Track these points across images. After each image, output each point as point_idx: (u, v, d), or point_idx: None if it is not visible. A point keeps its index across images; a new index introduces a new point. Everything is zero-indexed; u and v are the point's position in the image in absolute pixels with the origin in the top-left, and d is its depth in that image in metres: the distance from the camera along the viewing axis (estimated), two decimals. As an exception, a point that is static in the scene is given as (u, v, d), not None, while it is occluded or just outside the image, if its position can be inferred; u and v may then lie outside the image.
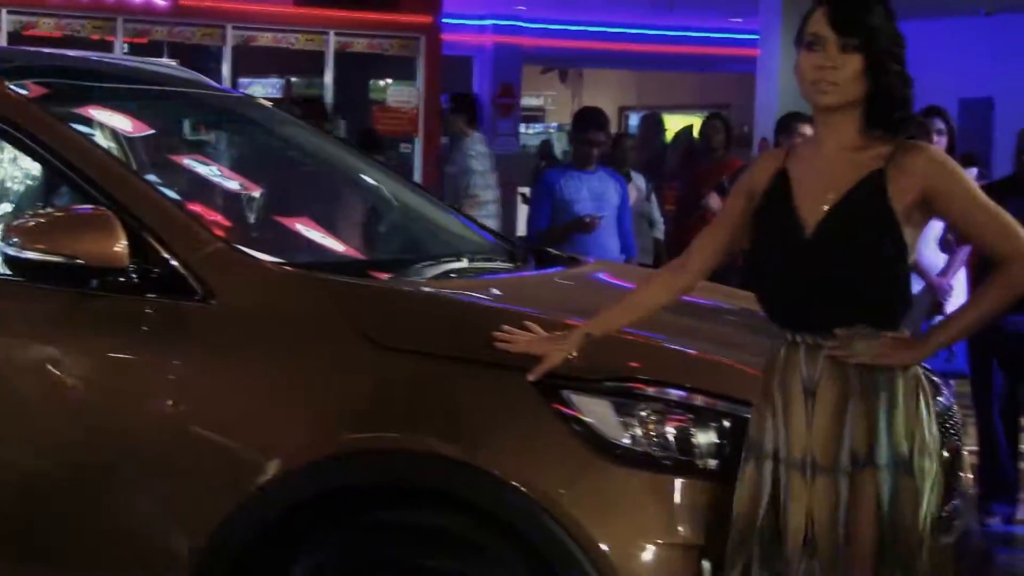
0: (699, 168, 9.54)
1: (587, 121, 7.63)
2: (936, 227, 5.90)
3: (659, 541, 3.00)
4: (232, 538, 3.18)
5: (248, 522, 3.17)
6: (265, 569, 3.21)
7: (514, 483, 3.02)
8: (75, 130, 3.62)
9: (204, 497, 3.19)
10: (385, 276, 3.63)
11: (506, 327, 3.14)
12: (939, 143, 6.64)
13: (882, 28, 2.94)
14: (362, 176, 4.65)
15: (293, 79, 16.93)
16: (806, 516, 2.96)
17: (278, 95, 16.34)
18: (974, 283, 6.31)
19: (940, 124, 6.73)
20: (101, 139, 4.02)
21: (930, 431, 2.99)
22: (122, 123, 4.13)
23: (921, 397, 2.99)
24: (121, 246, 3.23)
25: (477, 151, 9.42)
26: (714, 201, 7.76)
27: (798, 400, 2.99)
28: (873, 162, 2.98)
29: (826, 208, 2.99)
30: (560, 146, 19.84)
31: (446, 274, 3.78)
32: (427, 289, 3.59)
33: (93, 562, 3.30)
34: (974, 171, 7.12)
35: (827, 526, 2.94)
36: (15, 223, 3.34)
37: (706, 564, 3.01)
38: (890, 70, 2.95)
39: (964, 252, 6.45)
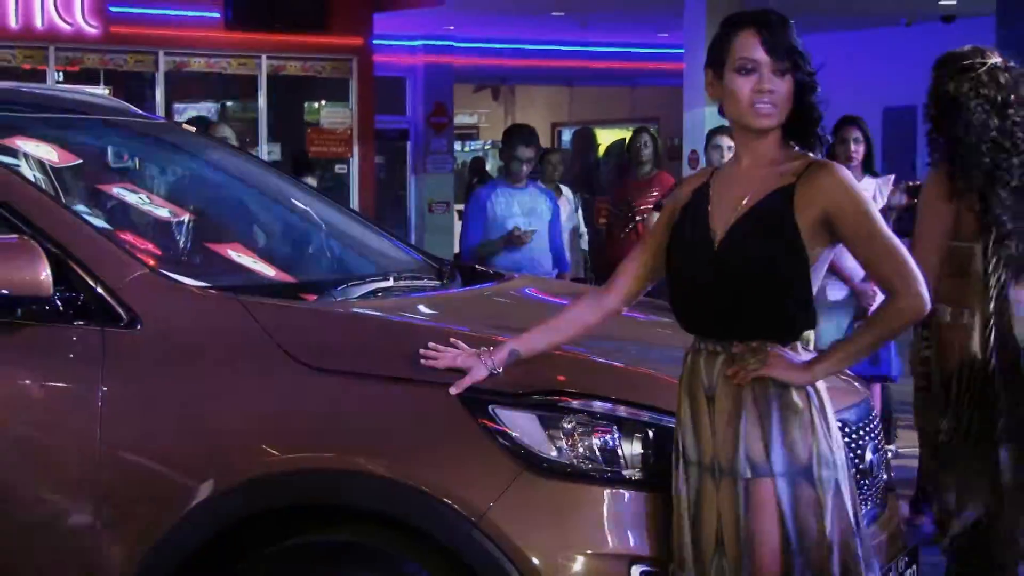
0: (629, 182, 9.59)
1: (515, 137, 7.65)
2: None
3: (589, 551, 3.01)
4: (164, 560, 3.15)
5: (179, 544, 3.15)
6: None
7: (443, 499, 3.01)
8: (-3, 160, 3.59)
9: (137, 520, 3.17)
10: (312, 297, 3.61)
11: (432, 344, 3.14)
12: (856, 152, 6.72)
13: (804, 52, 3.00)
14: (289, 199, 4.64)
15: (227, 103, 16.86)
16: (717, 517, 2.98)
17: (214, 120, 16.28)
18: None
19: (857, 133, 6.81)
20: (25, 168, 3.98)
21: (828, 442, 3.00)
22: (46, 152, 4.09)
23: (815, 410, 3.00)
24: (45, 274, 3.19)
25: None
26: (652, 219, 7.79)
27: (702, 406, 3.02)
28: (785, 177, 3.02)
29: (734, 219, 3.03)
30: (493, 163, 19.89)
31: (373, 293, 3.78)
32: (354, 309, 3.58)
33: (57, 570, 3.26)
34: (891, 177, 7.12)
35: (731, 526, 2.97)
36: None
37: (635, 571, 3.02)
38: (814, 90, 3.02)
39: None
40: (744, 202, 3.02)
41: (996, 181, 4.15)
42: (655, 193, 8.46)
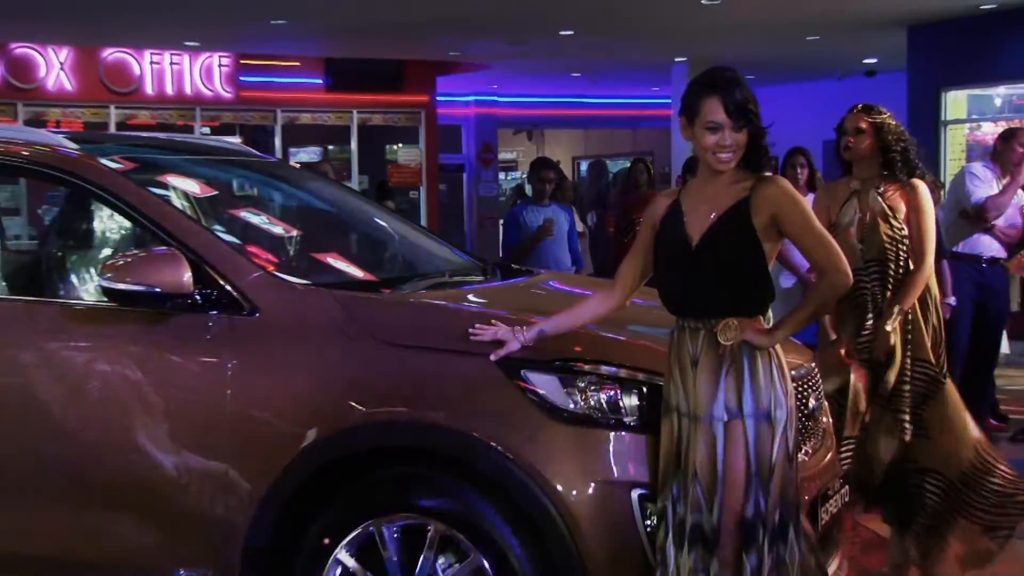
0: (630, 200, 9.55)
1: (538, 166, 7.69)
2: None
3: (599, 479, 2.98)
4: (281, 491, 3.15)
5: (292, 478, 3.14)
6: (306, 515, 3.18)
7: (488, 441, 3.00)
8: (152, 192, 3.58)
9: (260, 460, 3.16)
10: (387, 291, 3.60)
11: (478, 324, 3.12)
12: (802, 174, 6.65)
13: (756, 110, 2.97)
14: (371, 217, 4.62)
15: (328, 147, 16.91)
16: (693, 454, 2.95)
17: (318, 159, 16.36)
18: None
19: (802, 159, 6.74)
20: (174, 198, 3.98)
21: (783, 390, 2.98)
22: (189, 184, 4.10)
23: (773, 365, 2.98)
24: (187, 277, 3.21)
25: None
26: None
27: (687, 368, 2.99)
28: (741, 192, 2.99)
29: (706, 226, 3.00)
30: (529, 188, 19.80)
31: (433, 287, 3.75)
32: (417, 298, 3.56)
33: (195, 501, 3.25)
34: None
35: (706, 460, 2.94)
36: (109, 262, 3.31)
37: (634, 494, 2.99)
38: (764, 136, 3.00)
39: None
40: (712, 216, 2.99)
41: None
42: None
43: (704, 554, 2.92)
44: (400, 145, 16.95)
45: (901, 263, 4.22)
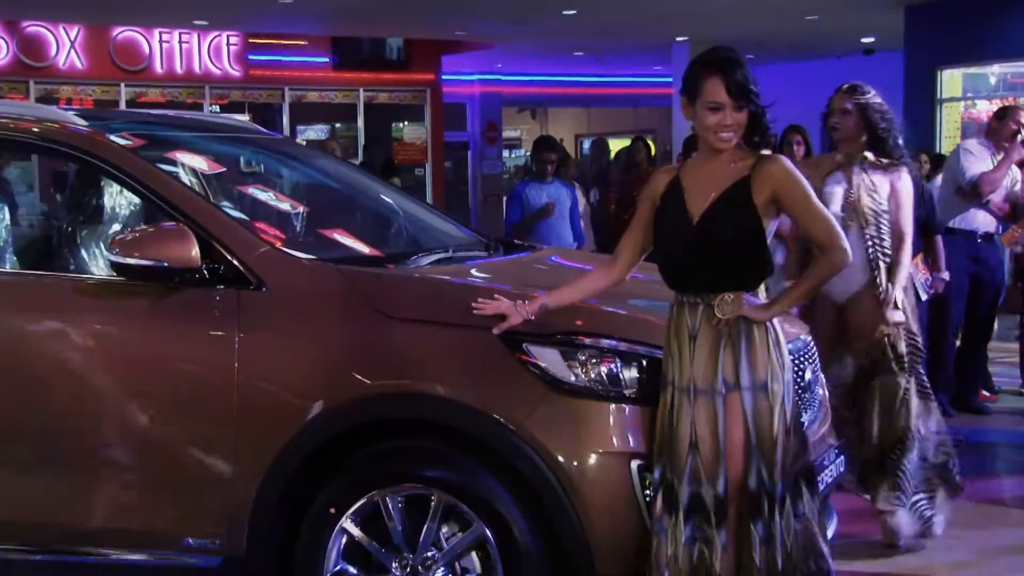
0: (630, 177, 9.53)
1: (541, 145, 7.64)
2: None
3: (599, 450, 2.98)
4: (287, 461, 3.14)
5: (298, 449, 3.14)
6: (309, 483, 3.17)
7: (491, 413, 2.99)
8: (160, 168, 3.56)
9: (266, 431, 3.15)
10: (392, 266, 3.58)
11: (481, 298, 3.10)
12: (798, 151, 6.62)
13: (756, 90, 2.94)
14: (375, 193, 4.60)
15: (335, 125, 16.86)
16: (690, 426, 2.94)
17: (325, 137, 16.32)
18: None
19: (799, 138, 6.71)
20: (182, 174, 3.96)
21: (780, 363, 2.97)
22: (196, 161, 4.07)
23: (770, 339, 2.97)
24: (195, 252, 3.19)
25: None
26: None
27: (685, 342, 2.98)
28: (742, 171, 2.97)
29: (708, 203, 2.98)
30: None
31: (437, 262, 3.73)
32: (421, 273, 3.55)
33: (202, 472, 3.24)
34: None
35: (708, 433, 2.94)
36: (118, 237, 3.29)
37: (633, 464, 2.99)
38: (764, 115, 2.98)
39: None
40: (713, 194, 2.97)
41: None
42: None
43: (702, 523, 2.92)
44: (406, 123, 16.89)
45: (882, 235, 4.25)
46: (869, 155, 4.34)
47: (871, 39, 15.55)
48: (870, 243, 4.26)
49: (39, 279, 3.67)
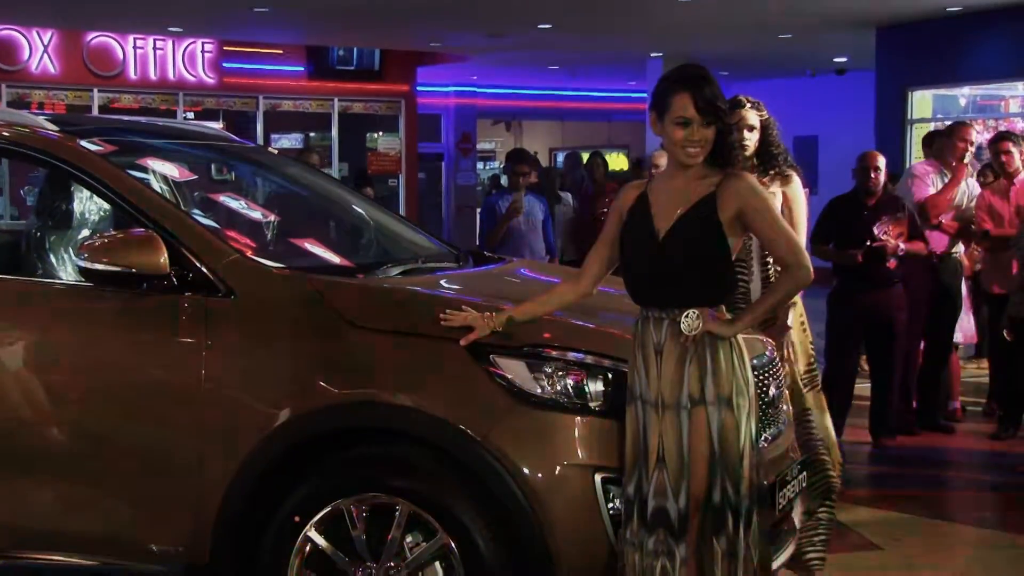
0: (585, 193, 9.68)
1: (515, 159, 7.69)
2: None
3: (564, 462, 2.99)
4: (253, 468, 3.14)
5: (263, 456, 3.14)
6: (273, 491, 3.18)
7: (457, 424, 3.00)
8: (130, 174, 3.55)
9: (232, 438, 3.15)
10: (361, 276, 3.59)
11: (448, 309, 3.12)
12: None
13: (725, 107, 2.98)
14: (346, 203, 4.61)
15: (309, 134, 16.84)
16: (658, 439, 2.96)
17: (300, 147, 16.30)
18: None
19: None
20: (152, 181, 3.95)
21: (744, 378, 2.99)
22: (168, 168, 4.07)
23: (735, 355, 2.99)
24: (164, 259, 3.19)
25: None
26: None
27: (651, 357, 3.00)
28: (707, 188, 3.00)
29: (673, 219, 3.01)
30: (505, 179, 19.76)
31: (406, 272, 3.74)
32: (390, 284, 3.56)
33: (167, 479, 3.24)
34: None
35: (673, 446, 2.96)
36: (86, 243, 3.28)
37: (598, 477, 3.00)
38: (731, 132, 3.02)
39: None
40: (679, 211, 3.00)
41: None
42: (608, 199, 8.51)
43: (666, 537, 2.94)
44: (380, 134, 16.91)
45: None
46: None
47: (844, 59, 15.72)
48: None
49: (5, 282, 3.65)
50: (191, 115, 14.92)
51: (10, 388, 3.34)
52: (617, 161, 20.03)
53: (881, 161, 6.17)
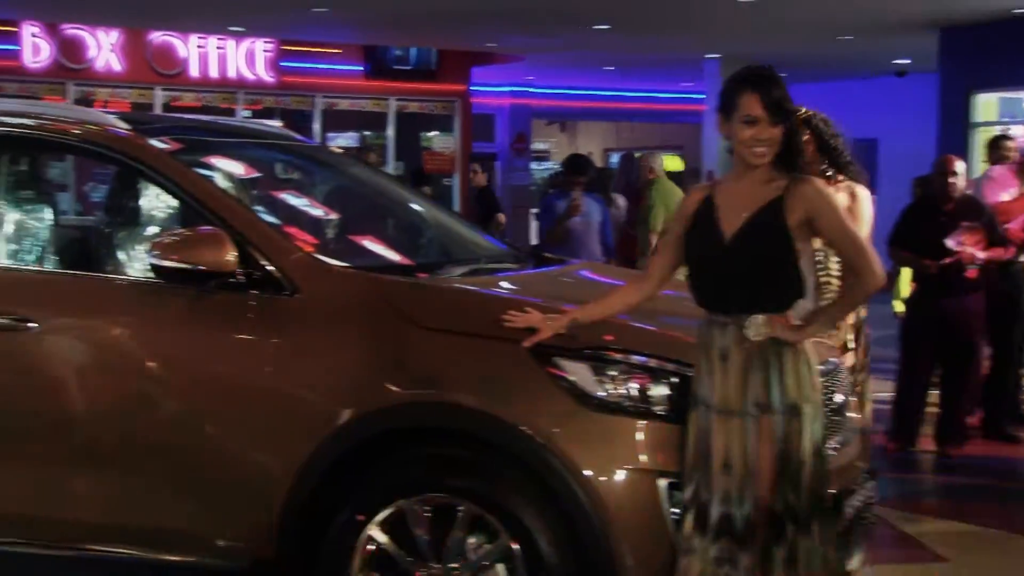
0: (632, 193, 9.62)
1: (571, 168, 7.61)
2: None
3: (627, 467, 2.97)
4: (316, 466, 3.16)
5: (327, 454, 3.15)
6: (337, 489, 3.18)
7: (520, 426, 2.99)
8: (198, 173, 3.59)
9: (299, 436, 3.16)
10: (424, 275, 3.60)
11: (512, 310, 3.11)
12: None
13: (791, 108, 2.94)
14: (406, 202, 4.62)
15: (365, 133, 16.93)
16: (724, 447, 2.93)
17: (356, 145, 16.39)
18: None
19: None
20: (219, 179, 3.99)
21: (811, 385, 2.95)
22: (234, 167, 4.11)
23: (803, 361, 2.95)
24: (231, 256, 3.22)
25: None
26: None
27: (717, 362, 2.97)
28: (775, 191, 2.97)
29: (740, 223, 2.97)
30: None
31: (467, 273, 3.74)
32: (453, 284, 3.56)
33: (233, 474, 3.27)
34: None
35: (739, 454, 2.93)
36: (156, 240, 3.33)
37: (661, 483, 2.98)
38: (799, 134, 2.99)
39: None
40: (745, 214, 2.97)
41: None
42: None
43: (731, 545, 2.91)
44: (435, 133, 16.95)
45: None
46: None
47: (905, 61, 15.48)
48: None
49: (77, 278, 3.70)
50: (249, 113, 15.06)
51: (78, 383, 3.38)
52: (671, 163, 19.93)
53: (959, 166, 6.09)
